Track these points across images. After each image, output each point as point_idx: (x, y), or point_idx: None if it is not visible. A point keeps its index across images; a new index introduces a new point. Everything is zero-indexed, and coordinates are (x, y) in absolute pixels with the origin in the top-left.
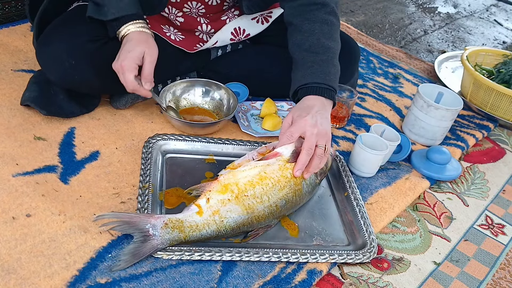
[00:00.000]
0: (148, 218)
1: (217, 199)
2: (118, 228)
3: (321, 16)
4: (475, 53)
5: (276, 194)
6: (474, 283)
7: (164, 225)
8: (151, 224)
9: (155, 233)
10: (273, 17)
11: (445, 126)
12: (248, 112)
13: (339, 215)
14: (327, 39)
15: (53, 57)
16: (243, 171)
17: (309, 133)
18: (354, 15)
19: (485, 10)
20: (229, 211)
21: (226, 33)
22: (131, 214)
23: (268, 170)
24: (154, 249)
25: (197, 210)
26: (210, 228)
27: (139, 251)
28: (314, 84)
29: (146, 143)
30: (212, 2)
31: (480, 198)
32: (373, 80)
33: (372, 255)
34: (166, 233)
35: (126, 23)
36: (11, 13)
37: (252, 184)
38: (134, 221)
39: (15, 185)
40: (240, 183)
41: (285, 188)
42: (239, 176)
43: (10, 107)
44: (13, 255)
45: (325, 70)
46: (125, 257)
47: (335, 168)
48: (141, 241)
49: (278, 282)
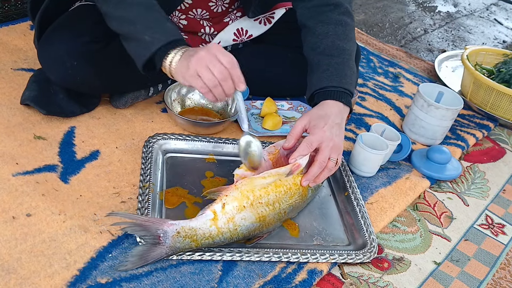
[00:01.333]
0: (161, 224)
1: (232, 206)
2: (130, 229)
3: (335, 17)
4: (475, 52)
5: (286, 201)
6: (475, 283)
7: (176, 233)
8: (163, 231)
9: (165, 240)
10: (275, 18)
11: (446, 126)
12: (248, 112)
13: (339, 215)
14: (342, 41)
15: (55, 58)
16: (263, 178)
17: (325, 145)
18: (354, 14)
19: (485, 9)
20: (243, 218)
21: (229, 33)
22: (145, 218)
23: (283, 177)
24: (161, 256)
25: (212, 216)
26: (223, 236)
27: (147, 254)
28: (331, 88)
29: (146, 142)
30: (217, 9)
31: (480, 197)
32: (373, 79)
33: (372, 255)
34: (177, 242)
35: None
36: (11, 12)
37: (267, 191)
38: (147, 224)
39: (15, 184)
40: (256, 189)
41: (294, 196)
42: (255, 183)
43: (10, 106)
44: (13, 254)
45: (340, 73)
46: (133, 258)
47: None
48: (151, 244)
49: (278, 282)
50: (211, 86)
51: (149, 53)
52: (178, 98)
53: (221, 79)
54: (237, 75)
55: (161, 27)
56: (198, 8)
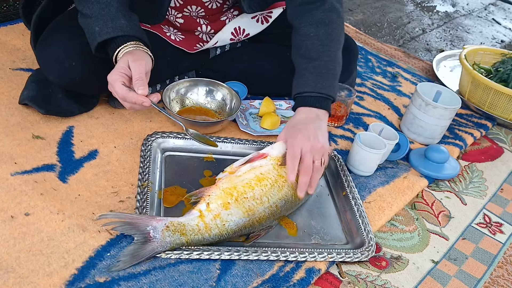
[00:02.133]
0: (149, 220)
1: (217, 204)
2: (120, 228)
3: (318, 16)
4: (473, 52)
5: (275, 195)
6: (472, 281)
7: (166, 227)
8: (152, 226)
9: (155, 235)
10: (273, 17)
11: (443, 125)
12: (246, 111)
13: (337, 214)
14: (322, 42)
15: (53, 58)
16: (239, 176)
17: (304, 151)
18: (353, 14)
19: (483, 9)
20: (230, 214)
21: (227, 33)
22: (132, 215)
23: (264, 171)
24: (154, 252)
25: (198, 214)
26: (212, 232)
27: (138, 253)
28: (306, 94)
29: (145, 141)
30: (212, 5)
31: (478, 196)
32: (371, 79)
33: (370, 253)
34: (167, 236)
35: (123, 44)
36: (9, 12)
37: (251, 186)
38: (135, 222)
39: (13, 184)
40: (238, 186)
41: (283, 188)
42: (236, 181)
43: (8, 106)
44: (12, 254)
45: (316, 77)
46: (125, 258)
47: (333, 167)
48: (142, 242)
49: (276, 281)
50: (121, 99)
51: (96, 42)
52: (176, 97)
53: (128, 107)
54: (133, 101)
55: (113, 22)
56: (192, 5)
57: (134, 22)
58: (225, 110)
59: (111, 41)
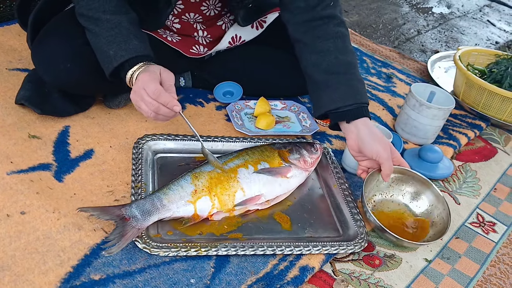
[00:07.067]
0: (119, 206)
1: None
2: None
3: (332, 30)
4: (467, 53)
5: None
6: (465, 280)
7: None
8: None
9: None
10: (267, 22)
11: (437, 125)
12: (242, 111)
13: (329, 207)
14: (344, 54)
15: (48, 60)
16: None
17: (384, 158)
18: (348, 15)
19: (478, 11)
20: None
21: (224, 43)
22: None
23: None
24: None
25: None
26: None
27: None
28: (350, 107)
29: (136, 144)
30: (210, 12)
31: (472, 196)
32: (366, 79)
33: (363, 244)
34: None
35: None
36: (6, 12)
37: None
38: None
39: (9, 183)
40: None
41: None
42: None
43: (4, 106)
44: (7, 252)
45: (353, 89)
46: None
47: (323, 161)
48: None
49: (270, 279)
50: (152, 116)
51: (112, 67)
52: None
53: (154, 110)
54: (165, 100)
55: (126, 44)
56: (190, 12)
57: (146, 42)
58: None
59: (125, 62)
